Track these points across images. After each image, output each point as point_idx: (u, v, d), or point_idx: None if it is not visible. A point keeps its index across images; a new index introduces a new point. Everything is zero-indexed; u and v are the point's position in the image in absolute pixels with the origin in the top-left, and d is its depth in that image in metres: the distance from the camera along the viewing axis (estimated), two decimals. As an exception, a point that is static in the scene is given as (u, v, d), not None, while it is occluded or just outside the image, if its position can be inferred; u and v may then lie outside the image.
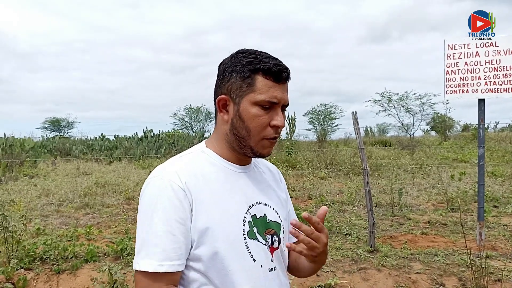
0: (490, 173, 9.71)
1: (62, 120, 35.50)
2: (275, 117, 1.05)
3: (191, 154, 1.13)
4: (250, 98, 1.04)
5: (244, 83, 1.04)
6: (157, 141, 19.18)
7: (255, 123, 1.05)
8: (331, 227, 5.55)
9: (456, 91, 4.76)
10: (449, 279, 3.79)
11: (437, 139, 22.29)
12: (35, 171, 11.74)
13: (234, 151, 1.11)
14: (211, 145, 1.15)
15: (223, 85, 1.08)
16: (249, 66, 1.04)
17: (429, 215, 6.32)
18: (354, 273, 3.94)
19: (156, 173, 1.06)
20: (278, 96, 1.04)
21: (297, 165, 11.01)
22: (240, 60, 1.06)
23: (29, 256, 4.10)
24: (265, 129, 1.06)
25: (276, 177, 1.29)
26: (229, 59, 1.09)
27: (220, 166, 1.11)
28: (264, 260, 1.09)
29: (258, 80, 1.03)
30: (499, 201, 7.09)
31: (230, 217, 1.05)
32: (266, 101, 1.03)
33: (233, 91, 1.06)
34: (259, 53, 1.06)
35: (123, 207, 7.12)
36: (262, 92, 1.03)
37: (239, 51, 1.09)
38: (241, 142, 1.08)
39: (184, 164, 1.08)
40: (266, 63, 1.03)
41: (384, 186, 8.41)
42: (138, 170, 12.18)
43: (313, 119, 29.31)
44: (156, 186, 1.03)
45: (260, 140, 1.07)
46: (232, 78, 1.06)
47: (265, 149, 1.10)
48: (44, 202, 7.48)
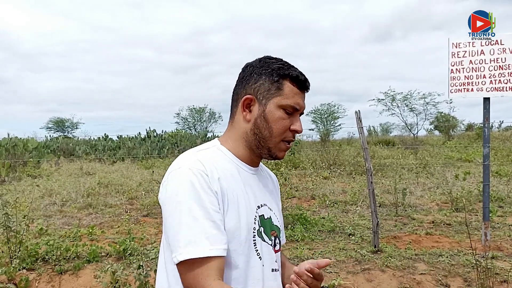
0: (494, 172, 9.64)
1: (66, 120, 35.67)
2: (295, 122, 1.12)
3: (208, 150, 1.13)
4: (277, 101, 1.10)
5: (273, 86, 1.10)
6: (160, 141, 19.21)
7: (278, 125, 1.10)
8: (334, 227, 5.53)
9: (460, 90, 4.72)
10: (454, 280, 3.75)
11: (441, 138, 22.20)
12: (38, 171, 11.76)
13: (250, 150, 1.15)
14: (226, 144, 1.16)
15: (250, 86, 1.12)
16: (278, 71, 1.10)
17: (433, 215, 6.27)
18: (358, 273, 3.91)
19: (179, 164, 1.06)
20: (301, 103, 1.12)
21: (300, 165, 10.98)
22: (270, 64, 1.12)
23: (31, 256, 4.10)
24: (285, 132, 1.11)
25: (275, 185, 1.34)
26: (257, 62, 1.14)
27: (234, 164, 1.13)
28: (268, 260, 1.13)
29: (286, 86, 1.10)
30: (504, 201, 7.03)
31: (245, 214, 1.08)
32: (291, 106, 1.10)
33: (260, 92, 1.11)
34: (285, 61, 1.14)
35: (126, 207, 7.11)
36: (289, 97, 1.10)
37: (266, 57, 1.15)
38: (260, 142, 1.12)
39: (204, 156, 1.09)
40: (294, 71, 1.11)
41: (388, 186, 8.36)
42: (141, 170, 12.19)
43: (316, 118, 29.28)
44: (183, 175, 1.02)
45: (278, 142, 1.12)
46: (260, 80, 1.11)
47: (281, 152, 1.15)
48: (47, 202, 7.49)
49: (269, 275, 1.12)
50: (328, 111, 28.67)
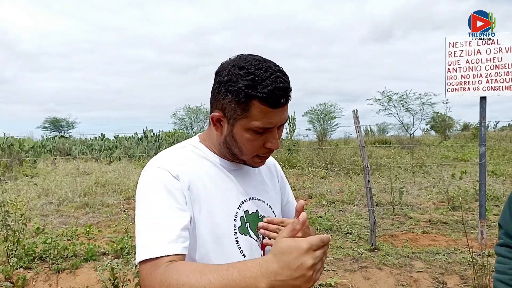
0: (490, 172, 9.69)
1: (62, 120, 35.54)
2: (270, 139, 1.03)
3: (183, 149, 1.12)
4: (244, 124, 1.00)
5: (239, 107, 0.98)
6: (157, 140, 19.17)
7: (248, 146, 1.04)
8: (331, 226, 5.54)
9: (457, 89, 4.74)
10: (451, 277, 3.77)
11: (437, 138, 22.29)
12: (34, 171, 11.72)
13: (227, 151, 1.11)
14: (204, 141, 1.14)
15: (218, 101, 1.03)
16: (245, 91, 0.96)
17: (430, 214, 6.30)
18: (355, 272, 3.93)
19: (149, 164, 1.05)
20: (274, 122, 1.00)
21: (297, 164, 11.00)
22: (237, 80, 0.97)
23: (28, 255, 4.09)
24: (258, 150, 1.05)
25: (271, 170, 1.29)
26: (226, 74, 1.00)
27: (212, 161, 1.11)
28: (254, 256, 1.08)
29: (254, 107, 0.97)
30: (500, 200, 7.07)
31: (220, 212, 1.04)
32: (260, 127, 0.99)
33: (227, 111, 1.01)
34: (258, 73, 0.96)
35: (123, 207, 7.10)
36: (257, 119, 0.98)
37: (237, 65, 0.99)
38: (233, 154, 1.08)
39: (175, 156, 1.07)
40: (264, 89, 0.95)
41: (385, 185, 8.39)
42: (138, 169, 12.15)
43: (312, 118, 29.27)
44: (149, 175, 1.01)
45: (252, 158, 1.07)
46: (227, 98, 1.00)
47: (258, 163, 1.11)
48: (44, 201, 7.47)
49: None
50: (325, 111, 28.67)
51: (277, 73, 0.98)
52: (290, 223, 0.85)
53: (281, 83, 0.97)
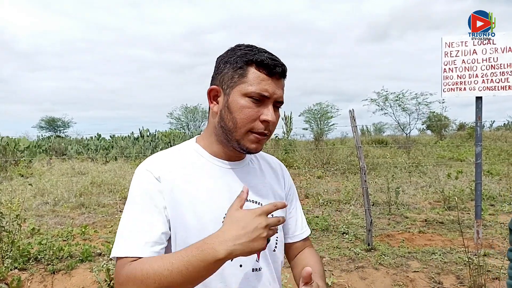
0: (486, 171, 9.73)
1: (57, 119, 35.37)
2: (265, 111, 1.01)
3: (177, 150, 1.12)
4: (240, 89, 1.01)
5: (236, 73, 1.02)
6: (153, 140, 19.12)
7: (242, 115, 1.00)
8: (328, 226, 5.54)
9: (453, 89, 4.75)
10: (447, 277, 3.78)
11: (433, 138, 22.35)
12: (30, 171, 11.65)
13: (223, 145, 1.09)
14: (200, 141, 1.14)
15: (217, 77, 1.07)
16: (243, 57, 1.02)
17: (426, 214, 6.32)
18: (352, 272, 3.93)
19: (138, 167, 1.07)
20: (270, 90, 1.01)
21: (294, 164, 10.99)
22: (236, 52, 1.05)
23: (23, 256, 4.06)
24: (253, 122, 1.01)
25: (277, 173, 1.24)
26: (226, 52, 1.08)
27: (205, 161, 1.09)
28: (245, 260, 1.05)
29: (251, 72, 1.01)
30: (495, 200, 7.10)
31: (207, 214, 1.02)
32: (257, 93, 1.00)
33: (224, 81, 1.04)
34: (256, 47, 1.05)
35: (119, 207, 7.07)
36: (253, 84, 1.00)
37: (237, 45, 1.07)
38: (227, 135, 1.04)
39: (165, 158, 1.08)
40: (261, 56, 1.01)
41: (381, 185, 8.40)
42: (134, 169, 12.08)
43: (309, 118, 29.29)
44: (136, 176, 1.05)
45: (246, 133, 1.02)
46: (225, 69, 1.04)
47: (252, 144, 1.04)
48: (39, 202, 7.43)
49: (250, 275, 1.05)
50: (321, 111, 28.70)
51: (271, 53, 1.06)
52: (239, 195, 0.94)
53: (277, 59, 1.04)
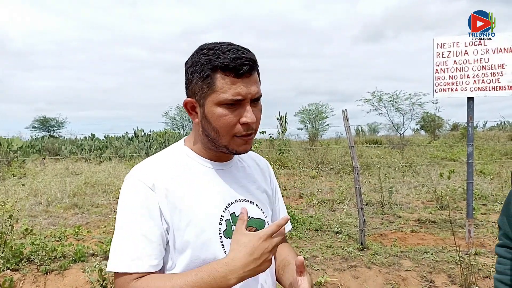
0: (478, 171, 9.81)
1: (51, 119, 35.10)
2: (244, 113, 0.99)
3: (165, 154, 1.10)
4: (212, 99, 0.98)
5: (205, 83, 0.98)
6: (148, 140, 19.06)
7: (221, 123, 0.99)
8: (321, 226, 5.56)
9: (445, 89, 4.80)
10: (439, 276, 3.81)
11: (427, 138, 22.48)
12: (23, 171, 11.57)
13: (210, 150, 1.09)
14: (188, 143, 1.13)
15: (189, 88, 1.04)
16: (207, 64, 0.97)
17: (418, 213, 6.36)
18: (345, 271, 3.95)
19: (129, 175, 1.05)
20: (242, 92, 0.97)
21: (288, 164, 11.01)
22: (199, 58, 0.99)
23: (16, 256, 4.04)
24: (234, 127, 1.00)
25: (264, 171, 1.25)
26: (191, 58, 1.03)
27: (196, 164, 1.08)
28: None
29: (218, 79, 0.97)
30: (487, 199, 7.17)
31: (203, 217, 1.01)
32: (229, 99, 0.97)
33: (196, 93, 1.02)
34: (218, 48, 0.98)
35: (112, 207, 7.05)
36: (224, 91, 0.96)
37: (200, 48, 1.02)
38: (214, 142, 1.04)
39: (155, 165, 1.06)
40: (224, 59, 0.95)
41: (375, 184, 8.45)
42: (128, 170, 12.03)
43: (304, 118, 29.34)
44: (127, 186, 1.03)
45: (231, 139, 1.02)
46: (193, 80, 1.01)
47: (240, 147, 1.04)
48: (32, 202, 7.38)
49: None
50: (316, 111, 28.75)
51: (238, 47, 0.99)
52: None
53: (242, 54, 0.97)
